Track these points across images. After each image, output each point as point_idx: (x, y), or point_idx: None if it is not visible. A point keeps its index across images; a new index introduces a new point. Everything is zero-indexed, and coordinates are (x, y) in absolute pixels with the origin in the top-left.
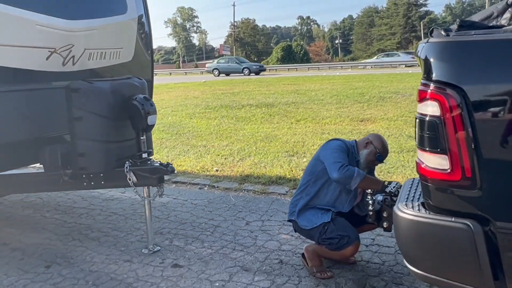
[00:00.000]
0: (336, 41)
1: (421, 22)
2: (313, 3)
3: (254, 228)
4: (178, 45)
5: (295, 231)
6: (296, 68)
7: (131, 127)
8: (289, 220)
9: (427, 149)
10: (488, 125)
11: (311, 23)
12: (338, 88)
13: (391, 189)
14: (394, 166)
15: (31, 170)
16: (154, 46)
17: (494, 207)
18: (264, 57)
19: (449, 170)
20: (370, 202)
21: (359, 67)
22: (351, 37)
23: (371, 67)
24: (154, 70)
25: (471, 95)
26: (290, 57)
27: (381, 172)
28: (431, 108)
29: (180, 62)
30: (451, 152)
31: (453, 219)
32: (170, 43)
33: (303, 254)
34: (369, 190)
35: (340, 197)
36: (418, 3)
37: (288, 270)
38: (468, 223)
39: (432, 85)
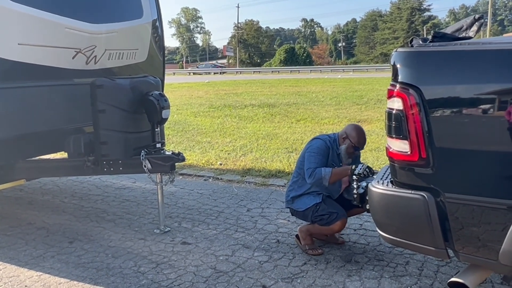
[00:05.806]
0: (339, 44)
1: (424, 27)
2: (317, 6)
3: (255, 214)
4: (182, 45)
5: (292, 215)
6: (299, 71)
7: (147, 120)
8: (287, 207)
9: (393, 136)
10: (438, 118)
11: (315, 26)
12: (339, 90)
13: (359, 170)
14: (386, 162)
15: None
16: None
17: (443, 181)
18: (267, 59)
19: (409, 152)
20: (355, 186)
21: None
22: (354, 41)
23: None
24: None
25: (426, 94)
26: (293, 59)
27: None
28: (397, 104)
29: (184, 62)
30: (410, 138)
31: (412, 192)
32: (174, 43)
33: (297, 235)
34: (354, 176)
35: (329, 186)
36: (422, 8)
37: (284, 248)
38: (423, 194)
39: (398, 86)
